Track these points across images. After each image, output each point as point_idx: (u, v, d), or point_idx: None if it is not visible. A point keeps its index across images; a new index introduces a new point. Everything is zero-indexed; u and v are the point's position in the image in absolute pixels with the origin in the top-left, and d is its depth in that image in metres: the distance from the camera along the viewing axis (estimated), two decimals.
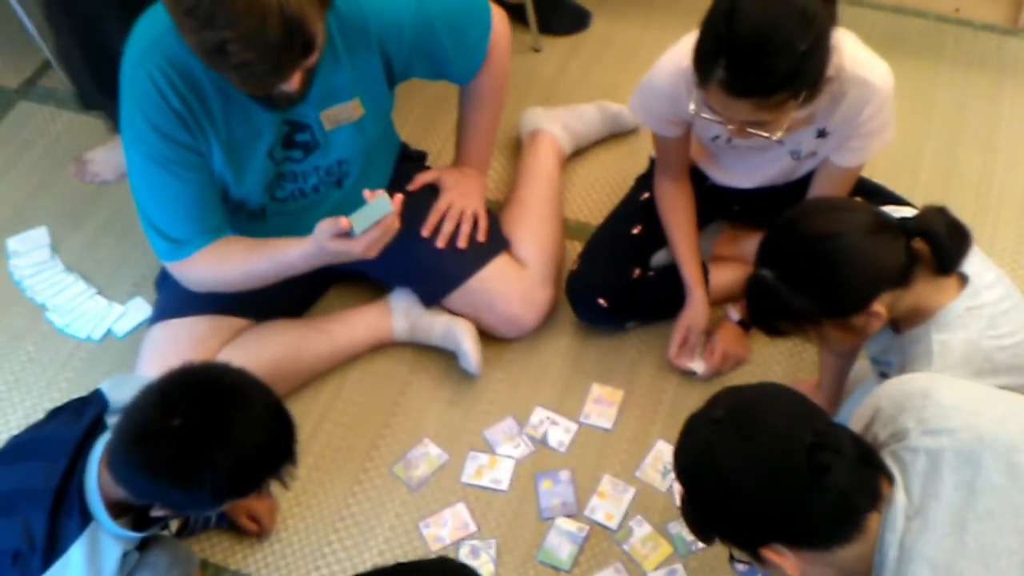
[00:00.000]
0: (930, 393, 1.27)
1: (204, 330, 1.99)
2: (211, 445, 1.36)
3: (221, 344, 1.99)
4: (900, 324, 1.52)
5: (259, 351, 2.00)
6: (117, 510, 1.48)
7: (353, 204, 1.84)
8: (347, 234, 1.67)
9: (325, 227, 1.68)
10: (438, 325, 2.12)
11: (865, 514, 1.17)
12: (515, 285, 2.10)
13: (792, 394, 1.26)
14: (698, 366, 2.09)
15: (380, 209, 1.65)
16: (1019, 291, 1.56)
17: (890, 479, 1.20)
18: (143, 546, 1.64)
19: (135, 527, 1.54)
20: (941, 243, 1.43)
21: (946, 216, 1.46)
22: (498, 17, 2.01)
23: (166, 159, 1.74)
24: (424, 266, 2.09)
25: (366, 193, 1.68)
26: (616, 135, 2.56)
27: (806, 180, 2.00)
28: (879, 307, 1.42)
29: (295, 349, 2.07)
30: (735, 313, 2.11)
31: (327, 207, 1.99)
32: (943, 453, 1.19)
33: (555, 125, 2.46)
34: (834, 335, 1.49)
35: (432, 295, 2.12)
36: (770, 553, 1.19)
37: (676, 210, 2.08)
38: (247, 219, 1.96)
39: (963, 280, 1.48)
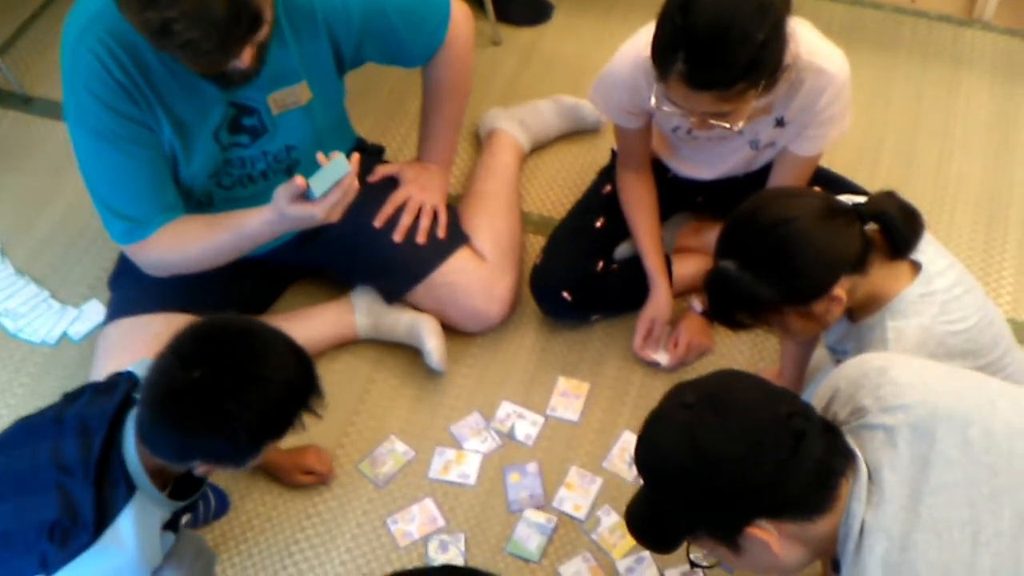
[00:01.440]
0: (886, 371, 1.34)
1: (160, 328, 2.00)
2: (238, 389, 1.41)
3: None
4: (855, 312, 1.60)
5: None
6: (156, 482, 1.52)
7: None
8: (305, 196, 1.71)
9: (283, 191, 1.72)
10: (402, 322, 2.18)
11: (840, 478, 1.25)
12: (477, 278, 2.16)
13: (753, 376, 1.33)
14: (663, 357, 2.17)
15: (338, 170, 1.69)
16: (973, 277, 1.65)
17: (853, 455, 1.27)
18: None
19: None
20: (895, 226, 1.52)
21: (897, 199, 1.54)
22: (460, 10, 2.07)
23: (115, 135, 1.78)
24: (385, 262, 2.15)
25: (320, 156, 1.71)
26: (578, 130, 2.63)
27: (768, 170, 2.08)
28: (839, 291, 1.50)
29: None
30: (699, 304, 2.19)
31: None
32: (899, 429, 1.27)
33: (511, 123, 2.53)
34: (796, 324, 1.57)
35: (394, 291, 2.18)
36: (755, 531, 1.24)
37: (638, 202, 2.16)
38: (195, 208, 1.99)
39: (916, 267, 1.56)
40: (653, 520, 1.33)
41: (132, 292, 2.07)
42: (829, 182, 2.12)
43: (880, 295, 1.55)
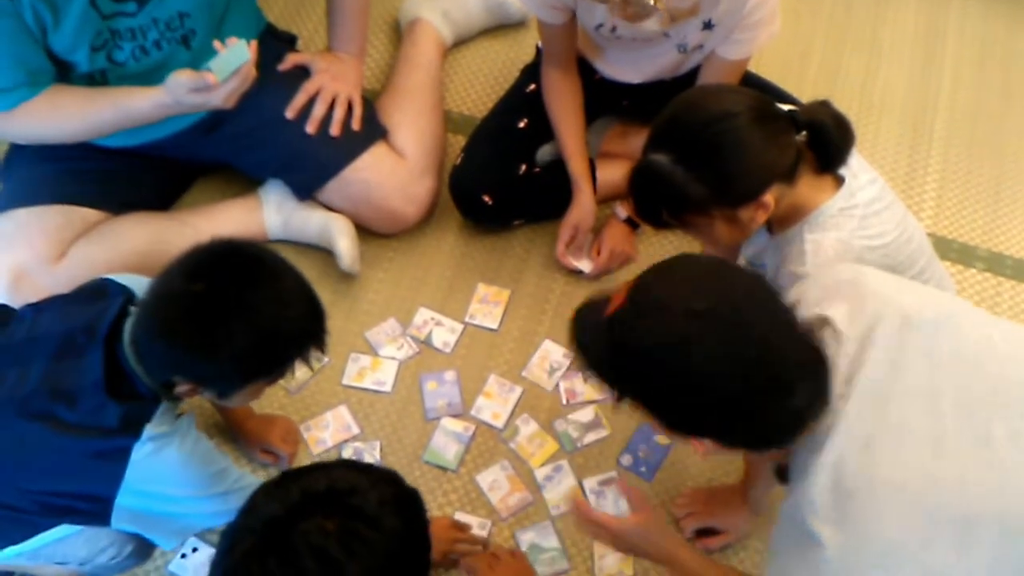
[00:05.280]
0: (859, 281, 1.35)
1: (56, 221, 1.96)
2: (231, 312, 1.38)
3: (75, 236, 1.96)
4: (775, 225, 1.62)
5: (117, 244, 1.98)
6: None
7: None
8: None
9: (184, 80, 1.70)
10: (314, 221, 2.13)
11: (810, 423, 1.23)
12: (393, 176, 2.12)
13: (770, 293, 1.27)
14: (585, 265, 2.18)
15: (239, 57, 1.71)
16: (896, 191, 1.68)
17: (828, 394, 1.24)
18: None
19: None
20: (828, 137, 1.52)
21: (831, 109, 1.54)
22: None
23: None
24: (296, 155, 2.10)
25: (216, 44, 1.69)
26: (502, 25, 2.58)
27: (695, 75, 2.08)
28: (769, 198, 1.50)
29: (156, 242, 2.03)
30: (623, 211, 2.20)
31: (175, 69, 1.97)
32: (872, 336, 1.27)
33: (435, 13, 2.47)
34: (720, 229, 1.57)
35: (305, 187, 2.13)
36: (698, 442, 1.25)
37: (563, 102, 2.14)
38: (87, 85, 1.91)
39: (839, 181, 1.58)
40: (606, 367, 1.28)
41: (26, 182, 2.00)
42: (758, 87, 2.12)
43: (801, 207, 1.56)
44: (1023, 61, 2.64)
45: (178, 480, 1.50)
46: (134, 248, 1.98)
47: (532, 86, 2.21)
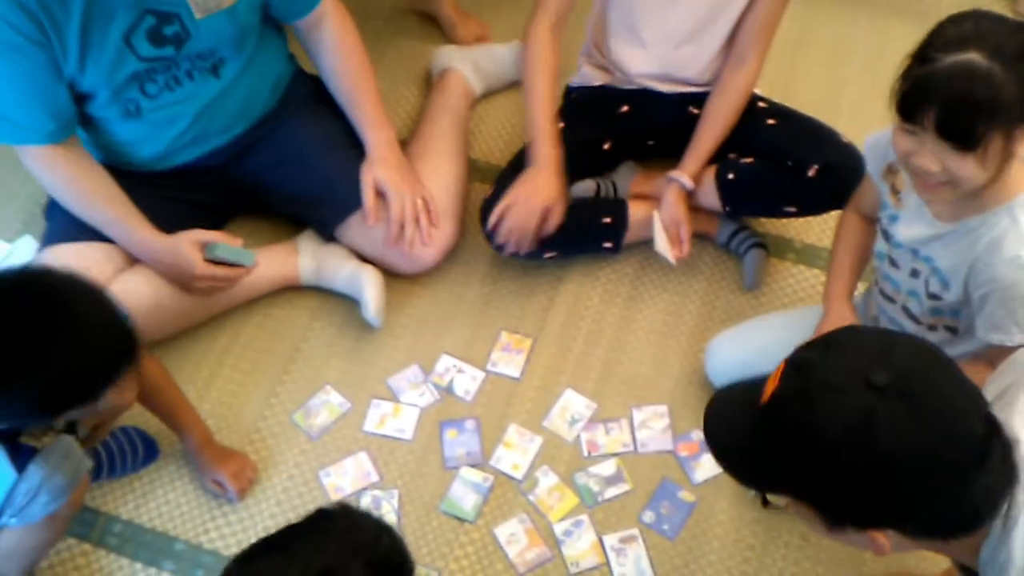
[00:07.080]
0: None
1: (97, 256, 1.96)
2: (11, 361, 1.31)
3: (115, 271, 1.96)
4: (954, 207, 1.46)
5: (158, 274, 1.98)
6: None
7: (233, 97, 1.98)
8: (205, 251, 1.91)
9: (196, 234, 1.94)
10: (344, 269, 2.12)
11: (996, 513, 1.09)
12: None
13: (949, 362, 1.09)
14: (669, 252, 2.09)
15: (245, 256, 1.99)
16: None
17: (1017, 480, 1.09)
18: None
19: None
20: None
21: None
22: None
23: (5, 43, 1.73)
24: (322, 190, 2.10)
25: (237, 239, 1.98)
26: None
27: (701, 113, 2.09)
28: None
29: None
30: (688, 181, 2.10)
31: (205, 99, 1.98)
32: None
33: (465, 64, 2.47)
34: (1017, 149, 1.36)
35: (330, 221, 2.13)
36: (874, 533, 1.08)
37: (543, 61, 2.03)
38: (122, 118, 1.94)
39: None
40: (757, 463, 1.12)
41: (69, 220, 2.01)
42: (792, 121, 2.12)
43: (1001, 187, 1.40)
44: None
45: None
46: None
47: (561, 125, 2.16)
